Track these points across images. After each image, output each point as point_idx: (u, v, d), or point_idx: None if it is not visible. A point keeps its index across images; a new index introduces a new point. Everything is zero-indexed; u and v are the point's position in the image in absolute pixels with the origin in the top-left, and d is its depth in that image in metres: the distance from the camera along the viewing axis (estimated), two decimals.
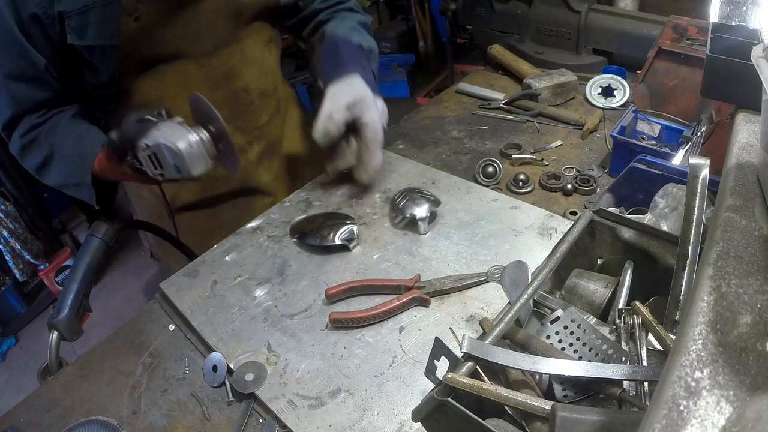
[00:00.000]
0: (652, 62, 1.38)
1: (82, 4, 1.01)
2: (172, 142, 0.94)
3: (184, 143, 0.94)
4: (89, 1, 1.01)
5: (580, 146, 1.40)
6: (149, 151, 0.97)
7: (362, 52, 1.25)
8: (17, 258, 2.80)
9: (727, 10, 0.75)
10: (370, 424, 0.79)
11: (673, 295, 0.72)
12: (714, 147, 1.06)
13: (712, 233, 0.54)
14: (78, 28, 1.03)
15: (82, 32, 1.03)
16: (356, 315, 0.93)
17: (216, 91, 1.23)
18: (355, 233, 1.09)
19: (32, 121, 1.12)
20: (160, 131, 0.96)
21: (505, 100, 1.59)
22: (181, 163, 0.96)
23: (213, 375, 0.91)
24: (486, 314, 0.92)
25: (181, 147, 0.94)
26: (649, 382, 0.65)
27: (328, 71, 1.18)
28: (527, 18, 1.79)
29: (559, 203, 1.21)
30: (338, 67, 1.17)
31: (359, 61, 1.21)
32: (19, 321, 2.92)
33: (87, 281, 1.07)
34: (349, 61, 1.19)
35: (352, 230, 1.09)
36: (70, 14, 1.01)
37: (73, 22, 1.02)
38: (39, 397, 0.95)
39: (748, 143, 0.67)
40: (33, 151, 1.14)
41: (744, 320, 0.42)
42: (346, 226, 1.10)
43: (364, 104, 1.12)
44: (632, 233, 0.87)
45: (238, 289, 1.05)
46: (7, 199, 2.74)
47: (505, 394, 0.59)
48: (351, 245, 1.08)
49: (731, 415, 0.35)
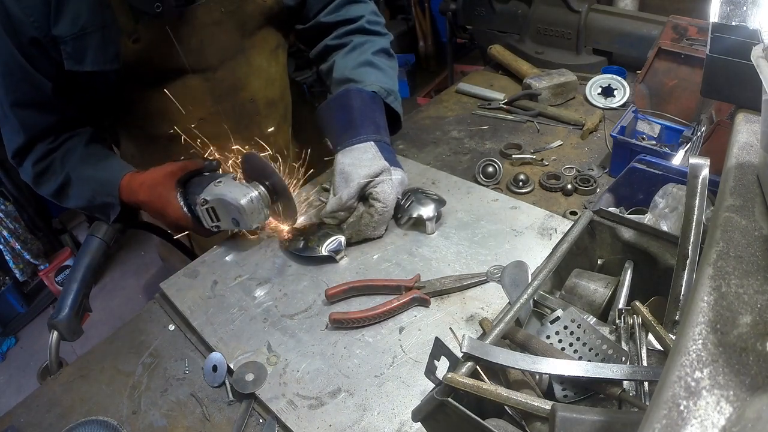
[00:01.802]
0: (652, 62, 1.38)
1: (79, 28, 0.98)
2: (235, 199, 1.01)
3: (245, 200, 1.02)
4: (86, 26, 0.98)
5: (580, 146, 1.40)
6: (208, 206, 1.04)
7: (376, 104, 1.15)
8: (17, 258, 2.80)
9: (727, 10, 0.75)
10: (370, 424, 0.79)
11: (673, 295, 0.72)
12: (714, 147, 1.06)
13: (712, 233, 0.54)
14: (74, 54, 1.00)
15: (80, 58, 1.01)
16: (356, 315, 0.93)
17: (221, 104, 1.22)
18: (343, 245, 1.08)
19: (45, 148, 1.12)
20: (218, 187, 1.04)
21: (505, 100, 1.59)
22: (241, 218, 1.03)
23: (213, 375, 0.91)
24: (486, 314, 0.92)
25: (243, 203, 1.01)
26: (649, 382, 0.65)
27: (339, 133, 1.11)
28: (527, 18, 1.79)
29: (559, 203, 1.21)
30: (349, 129, 1.10)
31: (373, 119, 1.12)
32: (19, 321, 2.92)
33: (87, 281, 1.07)
34: (363, 120, 1.11)
35: (340, 242, 1.08)
36: (66, 39, 0.98)
37: (69, 47, 0.99)
38: (39, 397, 0.95)
39: (748, 143, 0.67)
40: (49, 177, 1.14)
41: (744, 320, 0.42)
42: (334, 237, 1.08)
43: (378, 182, 1.05)
44: (632, 233, 0.87)
45: (238, 289, 1.05)
46: (7, 199, 2.74)
47: (505, 394, 0.59)
48: (338, 257, 1.07)
49: (731, 415, 0.35)
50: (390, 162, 1.08)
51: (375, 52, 1.24)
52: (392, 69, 1.26)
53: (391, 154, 1.13)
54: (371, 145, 1.08)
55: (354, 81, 1.18)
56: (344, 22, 1.28)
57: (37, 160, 1.12)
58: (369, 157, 1.06)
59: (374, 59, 1.23)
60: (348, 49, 1.25)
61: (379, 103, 1.16)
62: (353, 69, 1.20)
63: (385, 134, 1.14)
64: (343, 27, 1.28)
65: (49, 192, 1.16)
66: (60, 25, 0.97)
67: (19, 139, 1.10)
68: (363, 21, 1.28)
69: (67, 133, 1.14)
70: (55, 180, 1.13)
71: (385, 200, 1.05)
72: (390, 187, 1.06)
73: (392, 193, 1.06)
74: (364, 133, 1.09)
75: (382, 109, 1.16)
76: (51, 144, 1.12)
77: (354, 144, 1.08)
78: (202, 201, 1.04)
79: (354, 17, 1.28)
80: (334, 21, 1.27)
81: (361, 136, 1.09)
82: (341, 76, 1.21)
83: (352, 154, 1.07)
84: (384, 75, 1.21)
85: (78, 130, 1.16)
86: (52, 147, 1.12)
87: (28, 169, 1.14)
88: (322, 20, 1.26)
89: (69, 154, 1.13)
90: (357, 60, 1.22)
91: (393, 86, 1.21)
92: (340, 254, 1.08)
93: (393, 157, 1.12)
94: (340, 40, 1.27)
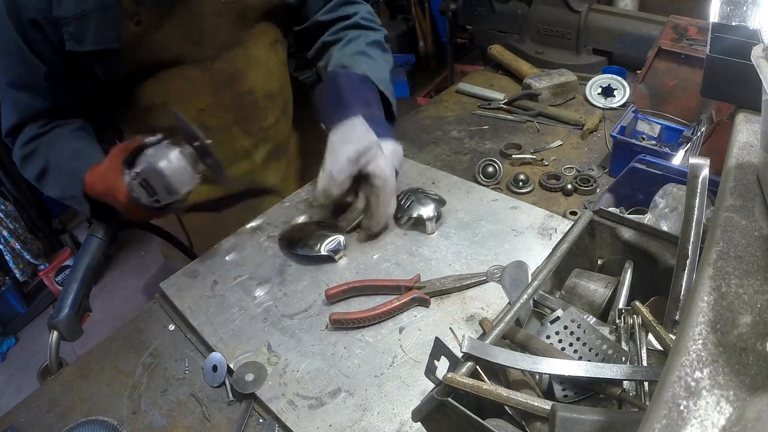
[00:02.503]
0: (652, 62, 1.38)
1: (81, 10, 0.99)
2: (156, 163, 0.92)
3: (164, 161, 0.93)
4: (87, 6, 0.99)
5: (580, 146, 1.40)
6: (140, 178, 0.95)
7: (366, 84, 1.13)
8: (17, 258, 2.80)
9: (727, 10, 0.75)
10: (370, 424, 0.79)
11: (673, 295, 0.72)
12: (714, 147, 1.06)
13: (712, 233, 0.54)
14: (76, 34, 1.01)
15: (80, 38, 1.02)
16: (357, 316, 0.93)
17: (220, 95, 1.22)
18: (342, 244, 1.07)
19: (33, 131, 1.12)
20: (146, 155, 0.95)
21: (505, 100, 1.59)
22: (168, 182, 0.94)
23: (213, 375, 0.91)
24: (486, 314, 0.92)
25: (161, 165, 0.93)
26: (649, 382, 0.65)
27: (330, 113, 1.09)
28: (527, 18, 1.79)
29: (559, 203, 1.21)
30: (339, 108, 1.08)
31: (362, 97, 1.10)
32: (19, 321, 2.92)
33: (87, 281, 1.07)
34: (352, 98, 1.09)
35: (339, 241, 1.07)
36: (68, 20, 0.99)
37: (71, 27, 1.00)
38: (39, 397, 0.95)
39: (748, 143, 0.67)
40: (32, 162, 1.14)
41: (744, 320, 0.42)
42: (334, 236, 1.08)
43: (369, 153, 1.01)
44: (632, 233, 0.87)
45: (238, 289, 1.05)
46: (7, 199, 2.74)
47: (505, 394, 0.59)
48: (337, 256, 1.07)
49: (731, 415, 0.35)
50: (382, 134, 1.05)
51: (368, 43, 1.24)
52: (385, 61, 1.25)
53: (383, 127, 1.09)
54: (360, 120, 1.04)
55: (347, 67, 1.18)
56: (340, 19, 1.29)
57: (25, 142, 1.12)
58: (358, 132, 1.03)
59: (367, 49, 1.23)
60: (343, 43, 1.25)
61: (369, 83, 1.14)
62: (347, 58, 1.20)
63: (377, 109, 1.12)
64: (339, 23, 1.29)
65: (32, 176, 1.16)
66: (63, 5, 0.98)
67: (12, 118, 1.11)
68: (357, 17, 1.29)
69: (59, 120, 1.14)
70: (36, 165, 1.13)
71: (383, 174, 1.02)
72: (384, 161, 1.02)
73: (387, 166, 1.03)
74: (353, 109, 1.06)
75: (373, 89, 1.14)
76: (40, 128, 1.12)
77: (343, 120, 1.05)
78: (134, 174, 0.95)
79: (349, 14, 1.29)
80: (330, 19, 1.28)
81: (350, 112, 1.06)
82: (335, 64, 1.21)
83: (342, 130, 1.04)
84: (376, 64, 1.20)
85: (70, 119, 1.16)
86: (41, 132, 1.12)
87: (17, 149, 1.14)
88: (319, 19, 1.27)
89: (53, 141, 1.13)
90: (351, 50, 1.22)
91: (385, 76, 1.20)
92: (339, 254, 1.08)
93: (385, 129, 1.09)
94: (335, 36, 1.28)
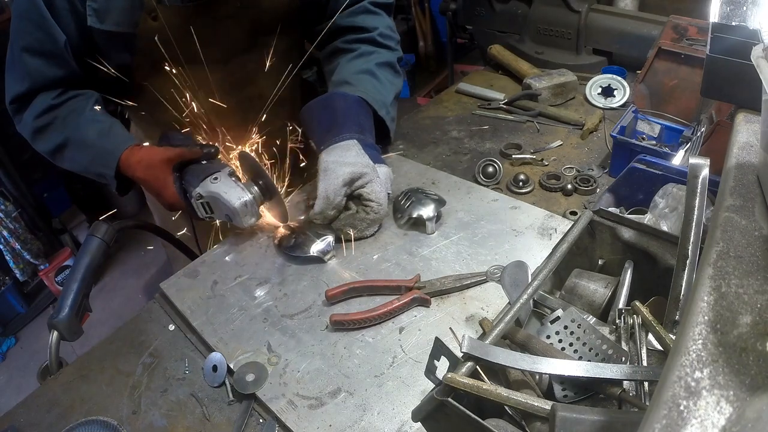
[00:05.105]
0: (652, 62, 1.38)
1: None
2: (229, 200, 1.04)
3: (239, 203, 1.04)
4: None
5: (580, 146, 1.40)
6: (203, 200, 1.07)
7: (362, 107, 1.15)
8: (17, 258, 2.80)
9: (727, 10, 0.75)
10: (370, 424, 0.79)
11: (673, 295, 0.72)
12: (714, 147, 1.06)
13: (712, 233, 0.54)
14: (100, 11, 1.03)
15: (103, 16, 1.04)
16: (357, 316, 0.93)
17: (229, 97, 1.22)
18: (332, 245, 1.08)
19: (48, 102, 1.12)
20: (214, 185, 1.06)
21: (505, 100, 1.59)
22: (235, 217, 1.06)
23: (213, 375, 0.91)
24: (486, 314, 0.92)
25: (236, 206, 1.04)
26: (649, 382, 0.65)
27: (321, 132, 1.11)
28: (527, 18, 1.79)
29: (559, 203, 1.21)
30: (333, 128, 1.10)
31: (357, 121, 1.12)
32: (19, 321, 2.92)
33: (87, 281, 1.07)
34: (346, 120, 1.11)
35: (329, 242, 1.08)
36: None
37: (96, 3, 1.02)
38: (39, 397, 0.94)
39: (748, 143, 0.67)
40: (48, 135, 1.14)
41: (744, 320, 0.42)
42: (324, 237, 1.08)
43: (365, 177, 1.06)
44: (632, 233, 0.87)
45: (238, 289, 1.05)
46: (7, 199, 2.74)
47: (505, 394, 0.59)
48: (326, 257, 1.07)
49: (731, 415, 0.35)
50: (374, 159, 1.09)
51: (379, 63, 1.25)
52: (392, 85, 1.26)
53: (375, 151, 1.14)
54: (354, 143, 1.08)
55: (350, 85, 1.19)
56: (357, 29, 1.28)
57: (39, 114, 1.12)
58: (352, 154, 1.06)
59: (376, 70, 1.23)
60: (354, 55, 1.26)
61: (365, 107, 1.16)
62: (353, 74, 1.21)
63: (369, 135, 1.15)
64: (355, 34, 1.28)
65: (46, 150, 1.16)
66: None
67: (21, 86, 1.11)
68: (375, 33, 1.28)
69: (73, 92, 1.15)
70: (54, 139, 1.14)
71: (378, 198, 1.07)
72: (379, 185, 1.07)
73: (382, 191, 1.08)
74: (347, 131, 1.10)
75: (368, 113, 1.17)
76: (54, 99, 1.12)
77: (337, 142, 1.08)
78: (197, 195, 1.06)
79: (368, 27, 1.28)
80: (347, 25, 1.28)
81: (344, 134, 1.09)
82: (340, 78, 1.22)
83: (336, 152, 1.07)
84: (381, 87, 1.22)
85: (85, 91, 1.17)
86: (55, 103, 1.12)
87: (28, 122, 1.14)
88: (338, 21, 1.27)
89: (73, 115, 1.13)
90: (359, 67, 1.23)
91: (388, 99, 1.21)
92: (329, 254, 1.08)
93: (377, 154, 1.14)
94: (349, 45, 1.28)
